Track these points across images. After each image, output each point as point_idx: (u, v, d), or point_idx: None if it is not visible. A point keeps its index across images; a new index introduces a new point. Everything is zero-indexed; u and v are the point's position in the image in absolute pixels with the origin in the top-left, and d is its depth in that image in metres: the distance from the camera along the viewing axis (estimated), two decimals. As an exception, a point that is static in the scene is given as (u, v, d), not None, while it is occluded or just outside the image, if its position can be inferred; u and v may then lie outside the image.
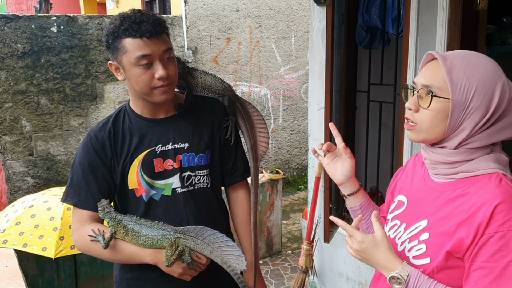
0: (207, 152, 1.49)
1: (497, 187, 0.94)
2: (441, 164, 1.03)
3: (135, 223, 1.34)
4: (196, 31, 5.48)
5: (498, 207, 0.91)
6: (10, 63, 4.50)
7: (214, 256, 1.32)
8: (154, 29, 1.30)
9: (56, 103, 4.78)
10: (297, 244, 4.49)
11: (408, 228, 1.08)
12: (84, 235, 1.37)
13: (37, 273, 3.07)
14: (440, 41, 2.16)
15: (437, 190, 1.05)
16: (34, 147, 4.75)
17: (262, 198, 4.11)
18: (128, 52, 1.31)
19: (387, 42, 2.83)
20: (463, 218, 0.95)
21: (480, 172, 0.98)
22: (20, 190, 4.73)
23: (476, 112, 0.96)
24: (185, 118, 1.49)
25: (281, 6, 6.00)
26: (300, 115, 6.33)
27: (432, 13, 2.17)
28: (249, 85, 5.94)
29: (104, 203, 1.36)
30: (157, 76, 1.32)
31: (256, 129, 1.63)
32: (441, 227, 1.00)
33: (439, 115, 1.00)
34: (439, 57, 0.99)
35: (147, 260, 1.34)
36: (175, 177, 1.45)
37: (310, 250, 3.01)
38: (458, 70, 0.97)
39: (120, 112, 1.48)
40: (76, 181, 1.41)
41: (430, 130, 1.02)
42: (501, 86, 0.96)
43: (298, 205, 5.76)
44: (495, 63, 1.00)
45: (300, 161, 6.44)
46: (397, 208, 1.16)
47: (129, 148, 1.42)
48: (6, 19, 4.44)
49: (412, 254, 1.04)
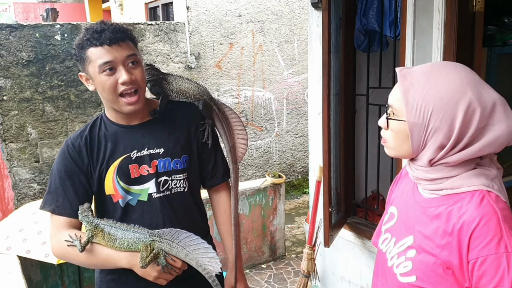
0: (183, 156, 1.50)
1: (476, 208, 0.91)
2: (423, 180, 1.00)
3: (111, 227, 1.36)
4: (199, 37, 5.51)
5: (476, 231, 0.89)
6: (15, 71, 4.56)
7: (190, 259, 1.34)
8: (114, 35, 1.33)
9: (61, 110, 4.82)
10: (301, 248, 4.48)
11: (397, 243, 1.07)
12: (61, 241, 1.38)
13: (41, 279, 3.09)
14: (437, 44, 2.16)
15: (423, 205, 1.02)
16: (40, 154, 4.80)
17: (265, 202, 4.12)
18: (92, 61, 1.34)
19: (385, 45, 2.83)
20: (447, 241, 0.93)
21: (463, 189, 0.95)
22: (26, 197, 4.77)
23: (438, 133, 0.92)
24: (160, 123, 1.50)
25: (284, 10, 6.01)
26: (304, 119, 6.32)
27: (428, 16, 2.17)
28: (253, 89, 5.95)
29: (85, 206, 1.39)
30: (121, 81, 1.34)
31: (234, 131, 1.64)
32: (425, 246, 0.98)
33: (400, 135, 0.98)
34: (399, 76, 0.96)
35: (123, 263, 1.35)
36: (151, 182, 1.46)
37: (312, 254, 3.00)
38: (414, 90, 0.93)
39: (97, 120, 1.51)
40: (53, 188, 1.44)
41: (397, 149, 1.01)
42: (465, 105, 0.89)
43: (303, 208, 5.75)
44: (463, 76, 0.92)
45: (305, 164, 6.43)
46: (389, 220, 1.15)
47: (104, 155, 1.45)
48: (11, 28, 4.50)
49: (399, 271, 1.02)
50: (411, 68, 0.98)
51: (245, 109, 5.93)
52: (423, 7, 2.19)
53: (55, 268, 3.09)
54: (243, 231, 4.03)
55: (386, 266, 1.08)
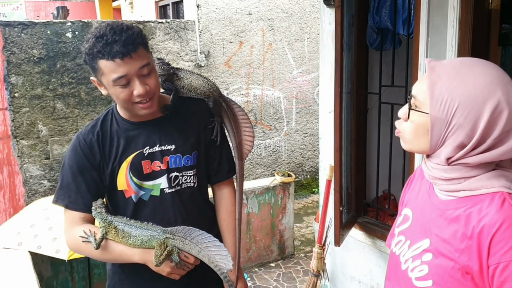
0: (194, 153, 1.52)
1: (498, 211, 0.87)
2: (440, 180, 0.97)
3: (125, 224, 1.37)
4: (209, 35, 5.51)
5: (497, 234, 0.85)
6: (26, 68, 4.59)
7: (202, 255, 1.36)
8: (126, 49, 1.29)
9: (72, 107, 4.85)
10: (310, 248, 4.47)
11: (412, 245, 1.03)
12: (75, 236, 1.41)
13: (51, 275, 3.11)
14: (451, 42, 2.13)
15: (440, 207, 0.98)
16: (51, 150, 4.82)
17: (274, 201, 4.11)
18: (104, 74, 1.33)
19: (398, 44, 2.80)
20: (466, 245, 0.90)
21: (483, 191, 0.91)
22: (37, 193, 4.81)
23: (460, 131, 0.89)
24: (171, 120, 1.51)
25: (294, 8, 5.99)
26: (313, 118, 6.30)
27: (442, 14, 2.14)
28: (262, 88, 5.94)
29: (98, 203, 1.40)
30: (136, 93, 1.34)
31: (242, 128, 1.66)
32: (443, 250, 0.94)
33: (420, 128, 0.94)
34: (428, 67, 0.93)
35: (136, 259, 1.37)
36: (163, 178, 1.48)
37: (321, 254, 2.99)
38: (442, 84, 0.90)
39: (107, 115, 1.51)
40: (66, 183, 1.45)
41: (414, 142, 0.97)
42: (493, 104, 0.86)
43: (312, 208, 5.73)
44: (494, 75, 0.88)
45: (314, 164, 6.41)
46: (403, 223, 1.11)
47: (117, 151, 1.45)
48: (22, 26, 4.53)
49: (415, 275, 0.99)
50: (440, 61, 0.95)
51: (254, 107, 5.92)
52: (437, 4, 2.16)
53: (65, 264, 3.11)
54: (252, 230, 4.03)
55: (399, 270, 1.05)
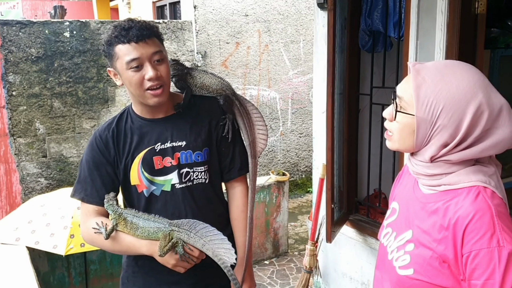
0: (205, 149, 1.56)
1: (471, 204, 0.93)
2: (423, 175, 1.03)
3: (133, 216, 1.43)
4: (205, 36, 5.57)
5: (470, 225, 0.91)
6: (24, 67, 4.63)
7: (206, 249, 1.38)
8: (141, 33, 1.38)
9: (69, 106, 4.89)
10: (304, 246, 4.52)
11: (397, 237, 1.09)
12: (89, 228, 1.48)
13: (48, 270, 3.16)
14: (439, 45, 2.20)
15: (422, 200, 1.05)
16: (48, 149, 4.87)
17: (268, 199, 4.17)
18: (119, 57, 1.40)
19: (389, 46, 2.86)
20: (443, 236, 0.96)
21: (460, 185, 0.97)
22: (33, 191, 4.84)
23: (444, 131, 0.94)
24: (183, 117, 1.56)
25: (290, 10, 6.06)
26: (308, 118, 6.37)
27: (431, 17, 2.21)
28: (258, 89, 6.00)
29: (110, 195, 1.47)
30: (147, 77, 1.40)
31: (255, 126, 1.67)
32: (423, 240, 1.00)
33: (406, 129, 0.99)
34: (412, 70, 0.98)
35: (143, 250, 1.42)
36: (174, 173, 1.52)
37: (314, 250, 3.05)
38: (427, 87, 0.95)
39: (124, 113, 1.57)
40: (83, 178, 1.52)
41: (401, 142, 1.02)
42: (475, 106, 0.92)
43: (306, 207, 5.79)
44: (476, 78, 0.94)
45: (309, 163, 6.47)
46: (391, 215, 1.18)
47: (130, 147, 1.52)
48: (20, 25, 4.57)
49: (398, 264, 1.05)
50: (424, 63, 1.00)
51: (250, 108, 5.97)
52: (426, 8, 2.23)
53: (62, 260, 3.15)
54: (246, 228, 4.07)
55: (386, 259, 1.11)
